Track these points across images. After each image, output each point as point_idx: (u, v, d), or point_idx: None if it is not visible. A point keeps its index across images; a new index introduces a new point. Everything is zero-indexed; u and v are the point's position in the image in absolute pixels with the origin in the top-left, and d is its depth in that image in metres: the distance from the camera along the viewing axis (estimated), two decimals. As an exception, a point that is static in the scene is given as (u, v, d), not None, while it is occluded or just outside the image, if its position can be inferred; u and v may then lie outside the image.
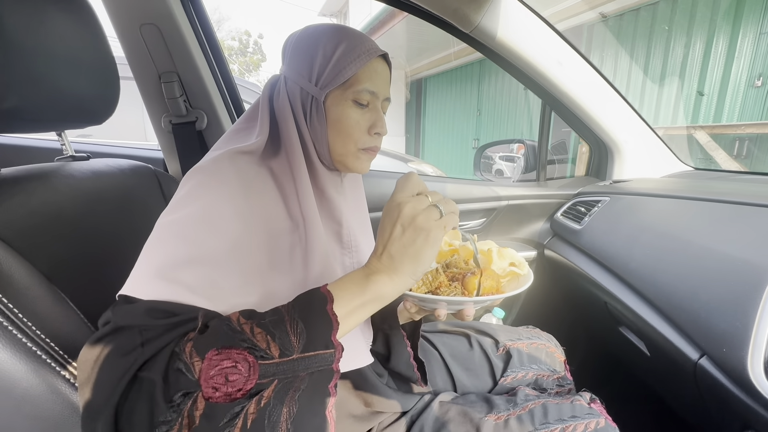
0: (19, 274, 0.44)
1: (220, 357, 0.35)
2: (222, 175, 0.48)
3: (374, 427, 0.64)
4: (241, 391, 0.34)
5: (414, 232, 0.42)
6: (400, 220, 0.43)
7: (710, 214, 0.81)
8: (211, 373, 0.34)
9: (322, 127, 0.55)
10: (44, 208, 0.52)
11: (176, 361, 0.35)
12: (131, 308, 0.38)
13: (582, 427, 0.63)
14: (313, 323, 0.38)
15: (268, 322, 0.38)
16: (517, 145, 1.62)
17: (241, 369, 0.35)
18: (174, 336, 0.36)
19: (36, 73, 0.50)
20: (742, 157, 3.62)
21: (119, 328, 0.36)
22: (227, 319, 0.38)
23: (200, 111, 1.08)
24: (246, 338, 0.36)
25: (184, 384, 0.34)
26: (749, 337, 0.54)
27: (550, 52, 1.07)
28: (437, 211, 0.43)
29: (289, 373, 0.36)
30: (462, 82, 8.01)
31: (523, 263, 0.60)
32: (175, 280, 0.39)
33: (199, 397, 0.33)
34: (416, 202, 0.43)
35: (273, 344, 0.36)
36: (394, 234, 0.43)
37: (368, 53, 0.53)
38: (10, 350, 0.41)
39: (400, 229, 0.43)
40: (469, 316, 0.54)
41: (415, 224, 0.42)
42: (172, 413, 0.32)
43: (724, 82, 3.73)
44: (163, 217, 0.45)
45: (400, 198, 0.44)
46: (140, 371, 0.34)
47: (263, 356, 0.36)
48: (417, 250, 0.42)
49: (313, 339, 0.38)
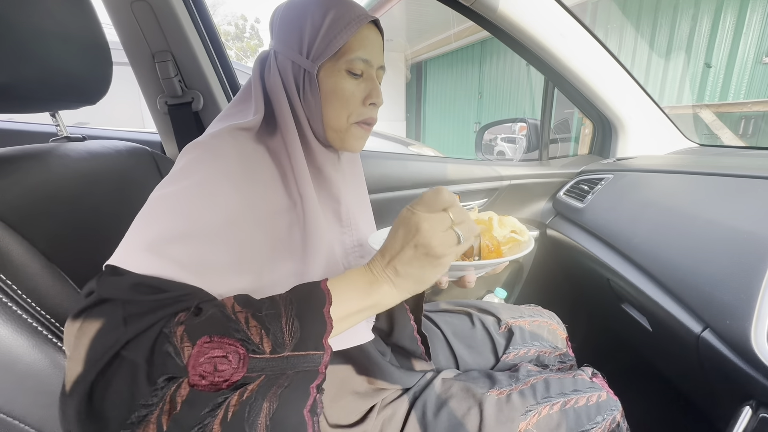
0: (16, 252, 0.44)
1: (211, 345, 0.34)
2: (220, 149, 0.47)
3: (377, 403, 0.65)
4: (227, 382, 0.33)
5: (426, 258, 0.40)
6: (414, 240, 0.39)
7: (715, 188, 0.80)
8: (201, 360, 0.33)
9: (316, 102, 0.53)
10: (40, 187, 0.52)
11: (165, 344, 0.33)
12: (117, 281, 0.36)
13: (584, 400, 0.63)
14: (309, 323, 0.38)
15: (265, 316, 0.37)
16: (519, 125, 1.60)
17: (232, 360, 0.34)
18: (161, 316, 0.35)
19: (25, 50, 0.48)
20: (748, 136, 3.57)
21: (102, 300, 0.35)
22: (221, 305, 0.37)
23: (196, 91, 1.06)
24: (240, 329, 0.35)
25: (171, 368, 0.33)
26: (753, 308, 0.54)
27: (553, 24, 1.04)
28: (455, 237, 0.40)
29: (277, 370, 0.35)
30: (463, 65, 7.88)
31: (524, 230, 0.59)
32: (166, 255, 0.38)
33: (184, 384, 0.32)
34: (437, 222, 0.39)
35: (266, 339, 0.35)
36: (405, 253, 0.40)
37: (358, 20, 0.51)
38: (11, 326, 0.41)
39: (412, 250, 0.40)
40: (471, 283, 0.54)
41: (429, 250, 0.39)
42: (153, 397, 0.32)
43: (731, 58, 3.65)
44: (157, 191, 0.44)
45: (422, 212, 0.40)
46: (123, 349, 0.33)
47: (255, 350, 0.35)
48: (424, 273, 0.41)
49: (305, 339, 0.37)
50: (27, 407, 0.43)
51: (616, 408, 0.64)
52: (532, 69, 1.20)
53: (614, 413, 0.63)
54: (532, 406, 0.62)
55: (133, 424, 0.31)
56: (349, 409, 0.63)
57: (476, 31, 6.59)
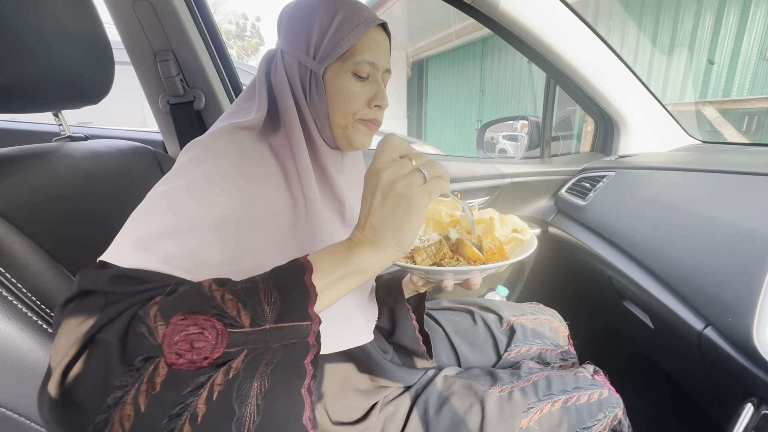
0: (21, 250, 0.44)
1: (186, 322, 0.32)
2: (219, 149, 0.47)
3: (379, 400, 0.65)
4: (207, 360, 0.32)
5: (394, 201, 0.38)
6: (379, 188, 0.39)
7: (717, 186, 0.80)
8: (176, 338, 0.32)
9: (321, 102, 0.53)
10: (44, 186, 0.52)
11: (139, 324, 0.32)
12: (99, 273, 0.36)
13: (585, 397, 0.63)
14: (289, 293, 0.36)
15: (240, 290, 0.35)
16: (520, 123, 1.60)
17: (208, 336, 0.32)
18: (137, 300, 0.34)
19: (28, 49, 0.49)
20: (751, 133, 3.55)
21: (84, 291, 0.35)
22: (198, 284, 0.36)
23: (198, 90, 1.06)
24: (215, 304, 0.34)
25: (145, 348, 0.31)
26: (755, 305, 0.54)
27: (555, 22, 1.04)
28: (420, 176, 0.39)
29: (260, 344, 0.34)
30: (464, 62, 7.86)
31: (526, 229, 0.59)
32: (153, 250, 0.38)
33: (162, 363, 0.31)
34: (396, 167, 0.39)
35: (244, 312, 0.34)
36: (375, 203, 0.39)
37: (367, 22, 0.51)
38: (17, 323, 0.41)
39: (380, 198, 0.39)
40: (476, 285, 0.53)
41: (395, 192, 0.38)
42: (128, 377, 0.30)
43: (735, 55, 3.63)
44: (155, 189, 0.44)
45: (380, 163, 0.40)
46: (98, 333, 0.32)
47: (233, 324, 0.33)
48: (399, 220, 0.38)
49: (287, 309, 0.35)
50: (33, 405, 0.43)
51: (618, 405, 0.64)
52: (533, 66, 1.19)
53: (616, 410, 0.63)
54: (534, 403, 0.62)
55: (110, 407, 0.30)
56: (351, 407, 0.63)
57: (477, 28, 6.57)
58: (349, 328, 0.59)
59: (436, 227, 0.66)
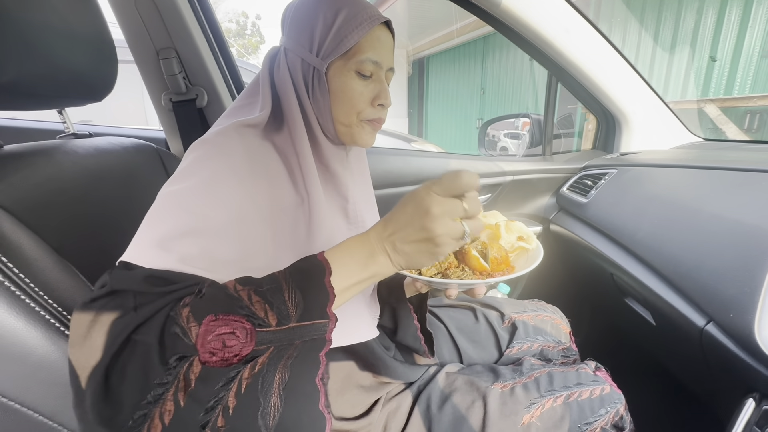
0: (27, 246, 0.44)
1: (218, 323, 0.35)
2: (226, 147, 0.47)
3: (382, 396, 0.66)
4: (237, 357, 0.34)
5: (426, 242, 0.40)
6: (421, 221, 0.39)
7: (719, 182, 0.80)
8: (209, 338, 0.34)
9: (324, 100, 0.53)
10: (49, 182, 0.52)
11: (172, 325, 0.35)
12: (129, 274, 0.37)
13: (587, 393, 0.64)
14: (311, 294, 0.38)
15: (266, 291, 0.37)
16: (522, 121, 1.60)
17: (239, 335, 0.35)
18: (168, 300, 0.36)
19: (31, 46, 0.49)
20: (753, 130, 3.54)
21: (115, 291, 0.36)
22: (224, 286, 0.38)
23: (200, 88, 1.06)
24: (243, 305, 0.36)
25: (181, 348, 0.34)
26: (757, 301, 0.54)
27: (556, 18, 1.03)
28: (461, 231, 0.40)
29: (285, 341, 0.36)
30: (465, 60, 7.84)
31: (532, 237, 0.59)
32: (174, 250, 0.39)
33: (195, 362, 0.33)
34: (449, 209, 0.39)
35: (270, 313, 0.36)
36: (408, 231, 0.40)
37: (370, 20, 0.51)
38: (25, 318, 0.41)
39: (415, 231, 0.39)
40: (480, 294, 0.54)
41: (432, 236, 0.39)
42: (168, 376, 0.33)
43: (737, 52, 3.61)
44: (166, 188, 0.44)
45: (436, 198, 0.39)
46: (134, 334, 0.34)
47: (261, 324, 0.36)
48: (419, 257, 0.41)
49: (309, 309, 0.38)
50: (40, 398, 0.44)
51: (620, 401, 0.64)
52: (535, 64, 1.19)
53: (617, 406, 0.64)
54: (536, 399, 0.62)
55: (150, 403, 0.32)
56: (354, 403, 0.63)
57: (479, 26, 6.55)
58: (356, 324, 0.60)
59: None
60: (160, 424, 0.32)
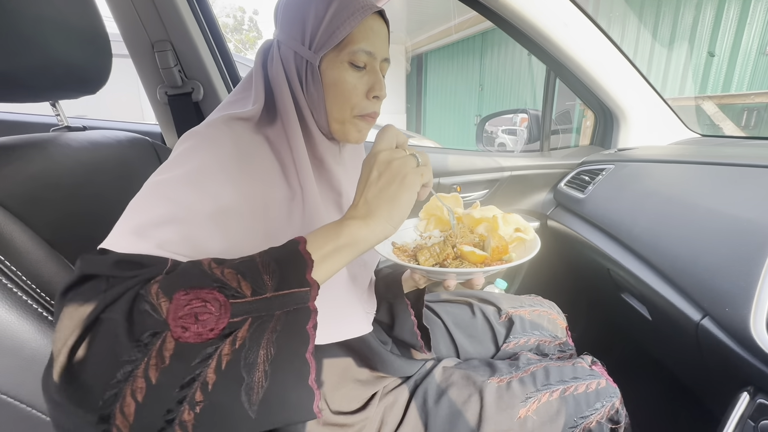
0: (20, 239, 0.44)
1: (189, 297, 0.33)
2: (216, 139, 0.47)
3: (378, 391, 0.66)
4: (213, 331, 0.33)
5: (390, 176, 0.42)
6: (376, 165, 0.43)
7: (716, 178, 0.80)
8: (180, 313, 0.33)
9: (318, 93, 0.53)
10: (42, 175, 0.52)
11: (142, 303, 0.33)
12: (100, 258, 0.36)
13: (583, 387, 0.64)
14: (287, 262, 0.37)
15: (239, 263, 0.37)
16: (520, 117, 1.59)
17: (212, 308, 0.33)
18: (138, 281, 0.35)
19: (24, 37, 0.48)
20: (750, 127, 3.55)
21: (85, 276, 0.35)
22: (197, 262, 0.37)
23: (196, 82, 1.05)
24: (216, 278, 0.35)
25: (151, 324, 0.32)
26: (752, 295, 0.54)
27: (555, 13, 1.03)
28: (414, 159, 0.44)
29: (263, 312, 0.35)
30: (463, 56, 7.82)
31: (529, 228, 0.59)
32: (151, 237, 0.38)
33: (168, 337, 0.32)
34: (394, 151, 0.45)
35: (244, 282, 0.35)
36: (371, 179, 0.43)
37: (363, 10, 0.50)
38: (17, 311, 0.41)
39: (376, 174, 0.43)
40: (479, 285, 0.54)
41: (390, 168, 0.43)
42: (137, 352, 0.31)
43: (735, 49, 3.62)
44: (152, 178, 0.44)
45: (379, 148, 0.45)
46: (103, 313, 0.33)
47: (234, 295, 0.34)
48: (392, 193, 0.42)
49: (286, 277, 0.36)
50: (34, 392, 0.43)
51: (615, 395, 0.65)
52: (533, 60, 1.19)
53: (613, 400, 0.64)
54: (532, 393, 0.63)
55: (120, 382, 0.30)
56: (351, 397, 0.63)
57: (477, 22, 6.53)
58: (349, 320, 0.59)
59: (438, 224, 0.66)
60: (133, 402, 0.30)
